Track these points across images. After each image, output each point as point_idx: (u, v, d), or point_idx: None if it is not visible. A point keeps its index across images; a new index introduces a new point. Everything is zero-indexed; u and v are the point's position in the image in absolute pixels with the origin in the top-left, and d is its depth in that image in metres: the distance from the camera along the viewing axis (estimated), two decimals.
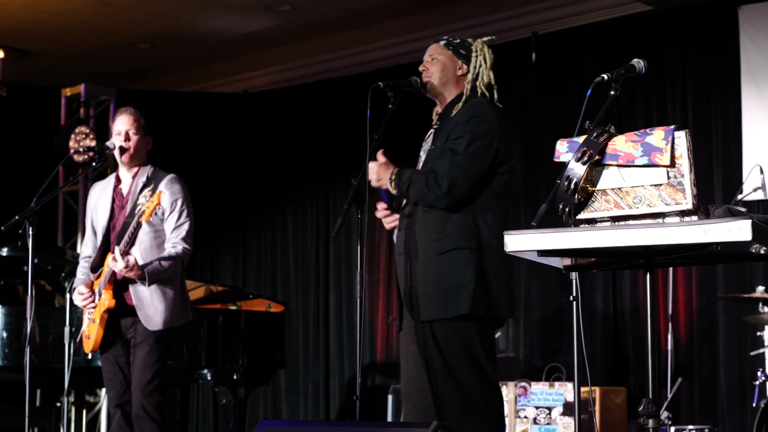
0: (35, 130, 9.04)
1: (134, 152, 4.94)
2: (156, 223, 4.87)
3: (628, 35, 7.53)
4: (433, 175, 3.81)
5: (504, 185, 3.90)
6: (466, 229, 3.81)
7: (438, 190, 3.79)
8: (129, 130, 4.93)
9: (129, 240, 4.74)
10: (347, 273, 8.74)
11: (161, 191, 4.75)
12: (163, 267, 4.80)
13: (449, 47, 4.03)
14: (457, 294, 3.77)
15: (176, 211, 4.90)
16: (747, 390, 6.43)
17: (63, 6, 8.12)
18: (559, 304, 7.39)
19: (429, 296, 3.82)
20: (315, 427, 3.90)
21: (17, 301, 7.03)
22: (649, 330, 3.19)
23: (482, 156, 3.83)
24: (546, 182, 7.48)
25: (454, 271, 3.79)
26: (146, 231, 4.84)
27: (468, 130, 3.84)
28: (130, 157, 4.94)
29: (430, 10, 8.23)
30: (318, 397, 8.83)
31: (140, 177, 4.95)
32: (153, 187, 4.88)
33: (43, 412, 7.65)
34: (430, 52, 4.06)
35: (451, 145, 3.85)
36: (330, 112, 9.01)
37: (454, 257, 3.80)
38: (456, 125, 3.88)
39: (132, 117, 4.96)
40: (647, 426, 3.11)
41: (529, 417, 6.49)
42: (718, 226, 2.88)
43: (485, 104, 3.93)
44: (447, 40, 4.06)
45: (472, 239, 3.81)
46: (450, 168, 3.80)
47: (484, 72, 4.01)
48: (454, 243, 3.80)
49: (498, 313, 3.85)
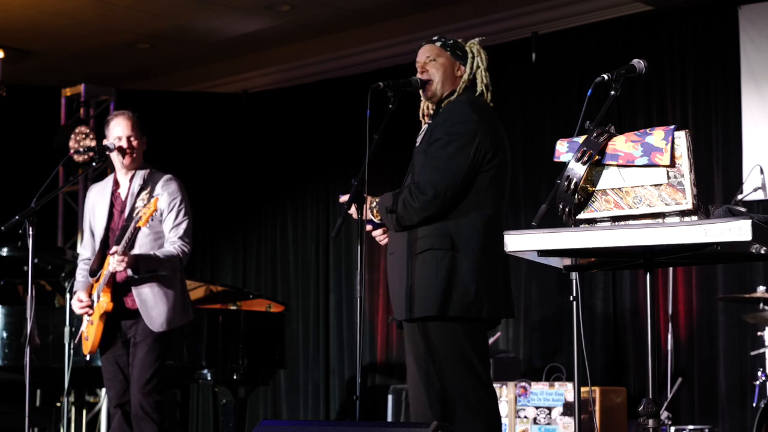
0: (35, 130, 9.04)
1: (137, 155, 4.96)
2: (154, 224, 4.86)
3: (628, 35, 7.53)
4: (415, 186, 3.80)
5: (490, 181, 3.85)
6: (443, 230, 3.80)
7: (423, 196, 3.76)
8: (130, 135, 4.94)
9: (127, 243, 4.74)
10: (347, 273, 8.74)
11: (158, 197, 4.75)
12: (156, 258, 4.79)
13: (446, 48, 4.00)
14: (426, 295, 3.76)
15: (174, 210, 4.90)
16: (747, 390, 6.43)
17: (63, 6, 8.12)
18: (559, 304, 7.39)
19: (401, 296, 3.82)
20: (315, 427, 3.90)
21: (17, 301, 7.03)
22: (649, 330, 3.20)
23: (461, 156, 3.80)
24: (546, 182, 7.48)
25: (426, 272, 3.78)
26: (145, 233, 4.84)
27: (445, 131, 3.83)
28: (133, 161, 4.96)
29: (430, 10, 8.23)
30: (318, 397, 8.83)
31: (138, 179, 4.96)
32: (150, 189, 4.88)
33: (43, 412, 7.65)
34: (426, 53, 4.01)
35: (430, 151, 3.83)
36: (330, 112, 9.01)
37: (428, 258, 3.79)
38: (436, 126, 3.87)
39: (131, 121, 4.96)
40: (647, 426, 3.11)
41: (529, 417, 6.49)
42: (718, 226, 2.88)
43: (464, 102, 3.91)
44: (443, 41, 4.02)
45: (447, 240, 3.79)
46: (431, 175, 3.78)
47: (483, 74, 4.00)
48: (429, 244, 3.80)
49: (478, 313, 3.80)
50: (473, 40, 4.06)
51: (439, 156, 3.80)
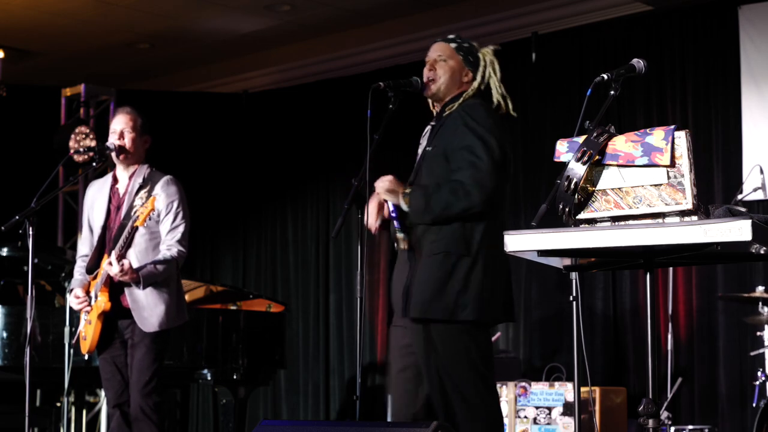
0: (35, 130, 9.04)
1: (130, 151, 4.93)
2: (152, 225, 4.86)
3: (628, 35, 7.53)
4: (460, 185, 3.77)
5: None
6: (458, 234, 3.80)
7: (470, 198, 3.75)
8: (124, 129, 4.92)
9: (124, 243, 4.74)
10: (347, 273, 8.74)
11: (155, 196, 4.74)
12: (157, 270, 4.79)
13: (459, 52, 3.97)
14: (440, 297, 3.77)
15: (172, 212, 4.89)
16: (747, 390, 6.43)
17: (63, 6, 8.12)
18: (559, 304, 7.39)
19: (417, 296, 3.82)
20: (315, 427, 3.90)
21: (17, 301, 7.03)
22: (649, 330, 3.20)
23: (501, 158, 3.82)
24: (546, 182, 7.48)
25: (440, 275, 3.78)
26: (142, 233, 4.83)
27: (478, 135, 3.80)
28: (126, 157, 4.93)
29: (430, 10, 8.22)
30: (318, 397, 8.83)
31: (137, 177, 4.94)
32: (149, 188, 4.87)
33: (43, 412, 7.65)
34: (438, 51, 3.99)
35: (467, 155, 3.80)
36: (330, 112, 9.01)
37: (442, 261, 3.79)
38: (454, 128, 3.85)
39: (128, 116, 4.94)
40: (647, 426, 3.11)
41: (529, 417, 6.49)
42: (718, 226, 2.88)
43: (479, 105, 3.91)
44: (457, 43, 3.99)
45: (463, 244, 3.79)
46: (477, 173, 3.76)
47: (497, 84, 3.99)
48: (444, 246, 3.80)
49: (488, 317, 3.84)
50: (488, 48, 4.03)
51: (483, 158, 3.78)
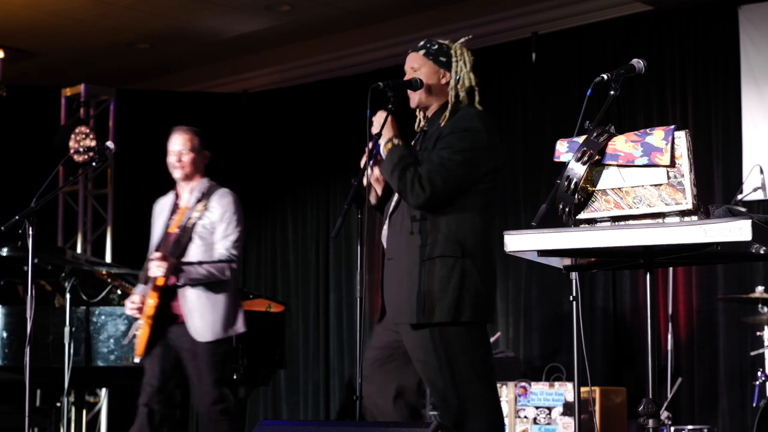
0: (35, 130, 9.04)
1: (188, 171, 5.11)
2: (206, 236, 5.00)
3: (628, 35, 7.53)
4: (418, 177, 3.78)
5: (490, 191, 3.87)
6: (452, 237, 3.79)
7: (422, 192, 3.75)
8: (182, 150, 5.09)
9: (175, 250, 4.91)
10: (347, 273, 8.74)
11: (204, 207, 4.99)
12: (202, 269, 4.91)
13: (429, 57, 3.93)
14: (439, 300, 3.77)
15: (225, 221, 5.04)
16: (747, 390, 6.43)
17: (63, 6, 8.12)
18: (559, 304, 7.39)
19: (412, 301, 3.81)
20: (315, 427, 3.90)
21: (17, 301, 7.03)
22: (649, 330, 3.20)
23: (470, 166, 3.79)
24: (546, 182, 7.48)
25: (437, 278, 3.78)
26: (198, 244, 4.99)
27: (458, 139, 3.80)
28: (185, 176, 5.11)
29: (430, 10, 8.22)
30: (318, 397, 8.83)
31: (195, 191, 5.12)
32: (206, 201, 5.06)
33: (43, 412, 7.65)
34: (410, 63, 3.96)
35: (440, 151, 3.81)
36: (330, 112, 9.01)
37: (438, 264, 3.79)
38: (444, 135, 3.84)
39: (185, 136, 5.12)
40: (647, 426, 3.11)
41: (529, 417, 6.49)
42: (718, 226, 2.88)
43: (473, 115, 3.89)
44: (426, 49, 3.95)
45: (457, 247, 3.79)
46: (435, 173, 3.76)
47: (465, 75, 3.94)
48: (439, 251, 3.80)
49: (486, 318, 3.87)
50: (458, 41, 4.00)
51: (449, 157, 3.77)
